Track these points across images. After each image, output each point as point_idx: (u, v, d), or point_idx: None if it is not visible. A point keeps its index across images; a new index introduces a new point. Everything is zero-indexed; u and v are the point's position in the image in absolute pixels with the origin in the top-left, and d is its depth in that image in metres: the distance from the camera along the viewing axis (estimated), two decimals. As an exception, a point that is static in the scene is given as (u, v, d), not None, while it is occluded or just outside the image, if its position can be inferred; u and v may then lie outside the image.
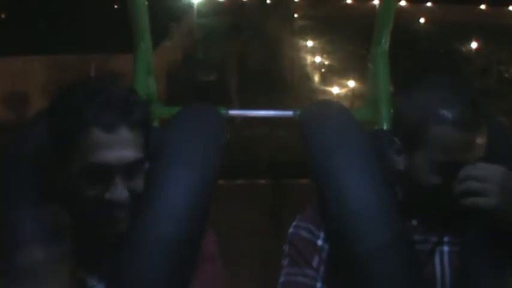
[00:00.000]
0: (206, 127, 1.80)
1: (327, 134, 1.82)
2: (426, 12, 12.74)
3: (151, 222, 1.54)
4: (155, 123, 2.99)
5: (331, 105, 2.05)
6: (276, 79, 12.40)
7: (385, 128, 2.81)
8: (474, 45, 11.85)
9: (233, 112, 2.87)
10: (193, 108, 1.90)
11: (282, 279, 1.78)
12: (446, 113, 1.59)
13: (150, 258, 1.51)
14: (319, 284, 1.74)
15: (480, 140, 1.60)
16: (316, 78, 12.33)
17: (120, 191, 1.49)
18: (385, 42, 3.00)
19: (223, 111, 2.56)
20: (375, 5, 3.04)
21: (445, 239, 1.72)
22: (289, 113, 2.90)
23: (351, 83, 12.54)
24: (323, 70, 12.29)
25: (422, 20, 12.67)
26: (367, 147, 1.77)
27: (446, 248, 1.71)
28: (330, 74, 12.48)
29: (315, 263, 1.75)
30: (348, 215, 1.64)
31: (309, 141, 1.86)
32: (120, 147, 1.47)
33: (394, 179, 1.73)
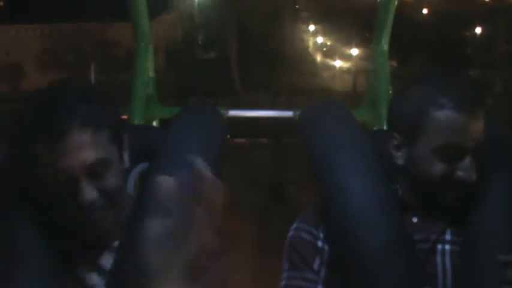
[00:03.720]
0: (206, 127, 1.81)
1: (327, 134, 1.82)
2: (429, 4, 12.71)
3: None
4: (155, 123, 3.00)
5: (331, 105, 2.04)
6: (277, 56, 12.42)
7: (385, 128, 2.81)
8: (477, 30, 11.89)
9: (233, 112, 2.87)
10: (194, 108, 1.91)
11: (283, 283, 1.78)
12: (445, 99, 1.61)
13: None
14: (320, 287, 1.74)
15: (478, 124, 1.62)
16: (318, 55, 12.38)
17: (86, 194, 1.45)
18: (385, 42, 2.99)
19: (222, 111, 2.56)
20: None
21: (447, 237, 1.71)
22: (289, 113, 2.90)
23: (353, 59, 12.54)
24: (324, 49, 12.35)
25: (425, 11, 12.65)
26: (367, 146, 1.76)
27: (448, 247, 1.71)
28: (332, 52, 12.54)
29: (315, 265, 1.75)
30: (349, 215, 1.65)
31: (309, 141, 1.86)
32: (77, 150, 1.43)
33: (394, 176, 1.73)
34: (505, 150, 1.78)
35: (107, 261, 1.58)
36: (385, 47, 3.00)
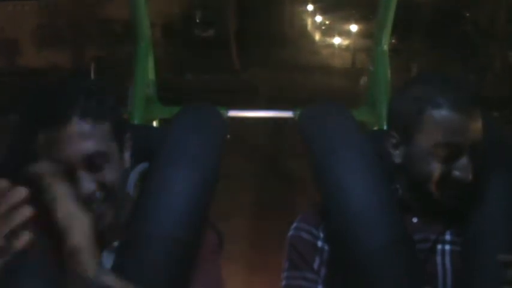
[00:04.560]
0: (207, 127, 1.80)
1: (327, 135, 1.81)
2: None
3: (151, 223, 1.54)
4: (155, 123, 3.01)
5: (331, 106, 2.03)
6: (277, 35, 12.42)
7: (385, 128, 2.81)
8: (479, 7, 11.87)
9: (232, 112, 2.87)
10: (194, 108, 1.91)
11: (283, 283, 1.78)
12: (443, 99, 1.62)
13: (150, 258, 1.51)
14: (319, 287, 1.74)
15: (475, 124, 1.63)
16: (317, 34, 12.33)
17: (84, 185, 1.45)
18: (385, 42, 2.99)
19: (222, 111, 2.56)
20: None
21: (447, 238, 1.72)
22: (289, 113, 2.90)
23: (352, 36, 12.54)
24: (323, 28, 12.28)
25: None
26: (367, 147, 1.76)
27: (447, 248, 1.71)
28: (330, 30, 12.52)
29: (315, 265, 1.75)
30: (349, 215, 1.64)
31: (309, 142, 1.86)
32: (76, 140, 1.44)
33: (395, 175, 1.73)
34: (504, 150, 1.78)
35: (107, 261, 1.57)
36: (385, 47, 3.00)
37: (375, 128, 2.88)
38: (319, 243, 1.77)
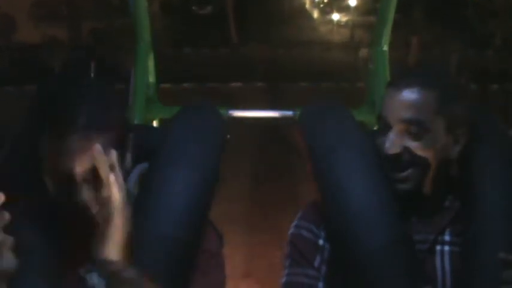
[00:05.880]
0: (207, 127, 1.80)
1: (327, 134, 1.81)
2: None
3: (152, 222, 1.55)
4: (155, 123, 3.01)
5: (331, 105, 2.02)
6: (275, 12, 12.39)
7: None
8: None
9: (233, 112, 2.88)
10: (194, 108, 1.91)
11: (284, 279, 1.79)
12: (399, 80, 1.71)
13: (150, 258, 1.52)
14: (320, 284, 1.75)
15: (409, 105, 1.66)
16: (316, 11, 12.28)
17: (83, 195, 1.44)
18: (385, 42, 2.99)
19: (222, 111, 2.56)
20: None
21: (446, 238, 1.72)
22: (289, 112, 2.90)
23: (351, 12, 12.51)
24: (321, 6, 12.21)
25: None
26: (367, 146, 1.77)
27: (447, 248, 1.72)
28: (329, 9, 12.46)
29: (316, 263, 1.76)
30: (349, 215, 1.65)
31: (309, 141, 1.86)
32: (77, 154, 1.43)
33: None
34: (505, 147, 1.78)
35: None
36: (385, 47, 3.00)
37: (375, 128, 2.88)
38: (320, 242, 1.77)
